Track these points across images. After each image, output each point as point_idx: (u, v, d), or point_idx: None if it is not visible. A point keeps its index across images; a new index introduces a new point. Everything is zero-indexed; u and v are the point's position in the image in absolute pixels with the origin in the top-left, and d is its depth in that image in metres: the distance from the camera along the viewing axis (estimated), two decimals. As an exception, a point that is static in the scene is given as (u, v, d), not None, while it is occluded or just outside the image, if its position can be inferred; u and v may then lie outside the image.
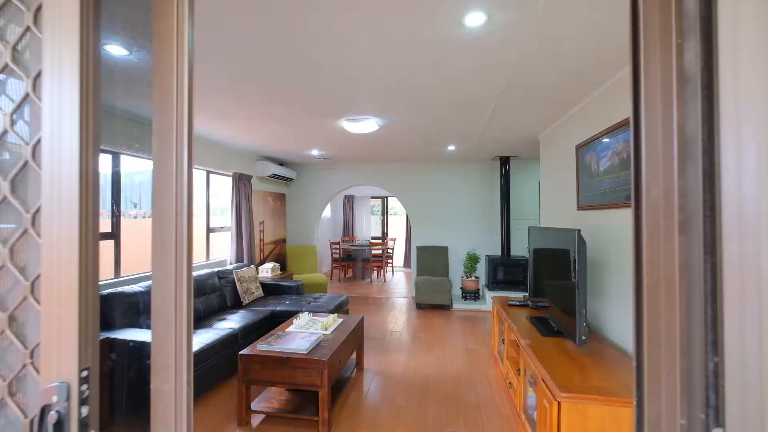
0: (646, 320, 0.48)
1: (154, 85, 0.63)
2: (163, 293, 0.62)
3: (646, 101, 0.48)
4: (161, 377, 0.62)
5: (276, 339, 2.62)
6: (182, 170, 0.63)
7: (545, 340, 2.32)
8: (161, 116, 0.63)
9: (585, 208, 2.87)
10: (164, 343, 0.62)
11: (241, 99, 2.82)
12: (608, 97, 2.48)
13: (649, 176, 0.48)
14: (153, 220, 0.63)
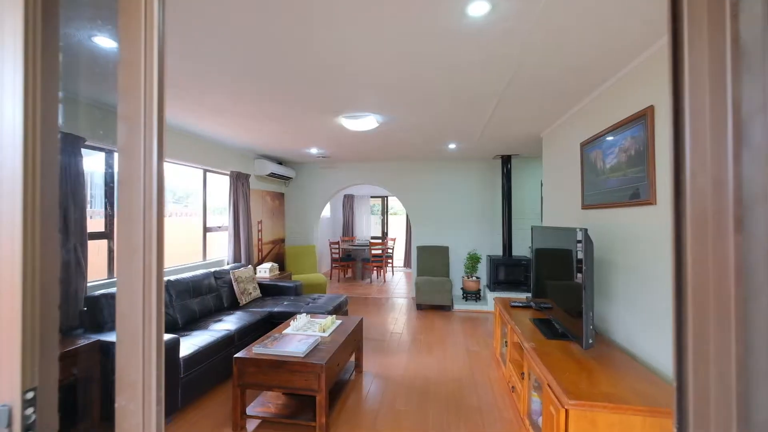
0: (691, 333, 0.41)
1: (120, 63, 0.56)
2: (129, 299, 0.55)
3: (690, 74, 0.41)
4: (127, 395, 0.54)
5: (272, 342, 2.54)
6: (151, 160, 0.56)
7: (550, 343, 2.25)
8: (127, 99, 0.55)
9: (590, 207, 2.79)
10: (130, 356, 0.54)
11: (236, 95, 2.74)
12: (615, 92, 2.41)
13: (694, 163, 0.41)
14: (118, 216, 0.55)
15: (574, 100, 2.85)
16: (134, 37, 0.55)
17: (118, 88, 0.56)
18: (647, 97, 2.04)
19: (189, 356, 2.54)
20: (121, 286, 0.55)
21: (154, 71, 0.56)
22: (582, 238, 2.00)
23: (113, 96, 2.36)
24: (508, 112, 3.22)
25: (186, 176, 4.51)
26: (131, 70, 0.56)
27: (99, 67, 2.21)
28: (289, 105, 3.00)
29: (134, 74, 0.56)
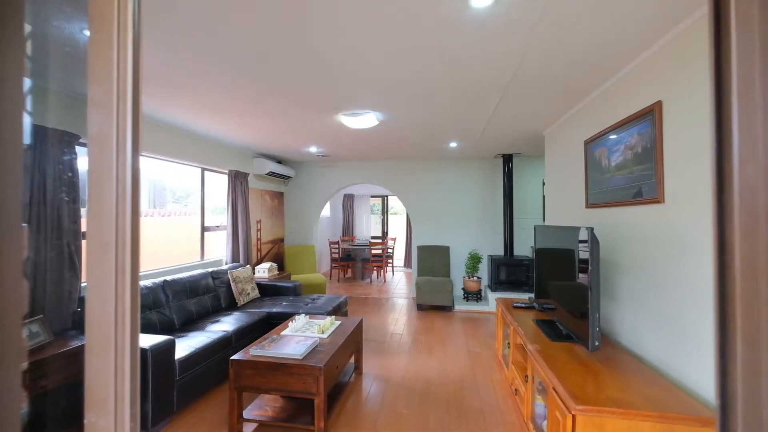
0: (740, 342, 0.35)
1: (90, 41, 0.50)
2: (99, 303, 0.49)
3: (738, 44, 0.35)
4: (97, 410, 0.49)
5: (270, 343, 2.49)
6: (125, 150, 0.50)
7: (554, 345, 2.19)
8: (98, 82, 0.50)
9: (594, 206, 2.73)
10: (101, 368, 0.49)
11: (236, 93, 2.69)
12: (621, 88, 2.35)
13: (742, 151, 0.35)
14: (88, 211, 0.49)
15: (578, 96, 2.80)
16: (105, 12, 0.50)
17: (87, 69, 0.51)
18: (655, 92, 1.98)
19: (185, 358, 2.49)
20: (91, 289, 0.49)
21: (129, 52, 0.51)
22: (588, 237, 1.94)
23: None
24: (511, 110, 3.17)
25: (186, 176, 4.47)
26: (102, 49, 0.50)
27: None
28: (288, 103, 2.94)
29: (106, 54, 0.50)
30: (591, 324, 1.90)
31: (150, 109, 3.13)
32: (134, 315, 0.51)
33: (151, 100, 2.87)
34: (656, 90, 1.97)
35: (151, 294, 3.00)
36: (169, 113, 3.25)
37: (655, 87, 1.99)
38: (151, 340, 2.29)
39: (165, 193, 4.81)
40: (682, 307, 1.74)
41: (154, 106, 3.02)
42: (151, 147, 3.47)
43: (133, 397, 0.50)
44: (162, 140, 3.58)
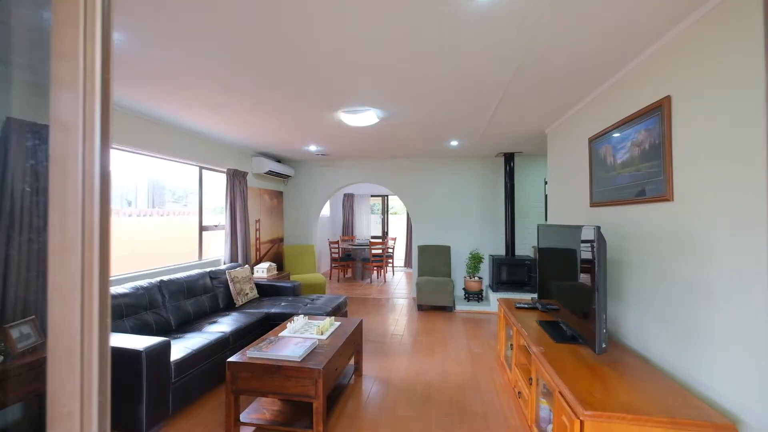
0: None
1: (53, 7, 0.45)
2: (63, 307, 0.43)
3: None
4: (61, 427, 0.43)
5: (268, 345, 2.44)
6: (93, 137, 0.44)
7: (559, 347, 2.13)
8: (64, 55, 0.44)
9: (599, 205, 2.68)
10: (65, 380, 0.43)
11: (232, 87, 2.63)
12: (627, 83, 2.29)
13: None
14: (50, 203, 0.44)
15: (582, 93, 2.74)
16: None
17: (51, 43, 0.45)
18: (663, 87, 1.92)
19: (180, 360, 2.43)
20: (53, 292, 0.44)
21: (97, 24, 0.45)
22: (594, 236, 1.88)
23: None
24: (513, 107, 3.11)
25: (185, 175, 4.41)
26: (67, 19, 0.45)
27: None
28: (286, 98, 2.89)
29: (71, 25, 0.45)
30: (598, 325, 1.84)
31: (145, 107, 3.07)
32: (103, 321, 0.45)
33: (146, 96, 2.81)
34: (665, 85, 1.91)
35: (146, 294, 2.94)
36: (165, 110, 3.19)
37: (663, 81, 1.93)
38: (145, 341, 2.24)
39: (164, 193, 4.76)
40: (692, 307, 1.69)
41: (149, 103, 2.97)
42: (148, 145, 3.42)
43: (102, 412, 0.45)
44: (158, 138, 3.53)
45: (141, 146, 3.35)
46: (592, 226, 1.94)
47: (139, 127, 3.30)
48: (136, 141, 3.28)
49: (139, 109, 3.13)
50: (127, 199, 4.43)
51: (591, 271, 1.97)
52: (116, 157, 3.51)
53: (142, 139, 3.34)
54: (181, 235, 4.40)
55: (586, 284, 2.05)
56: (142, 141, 3.34)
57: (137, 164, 3.90)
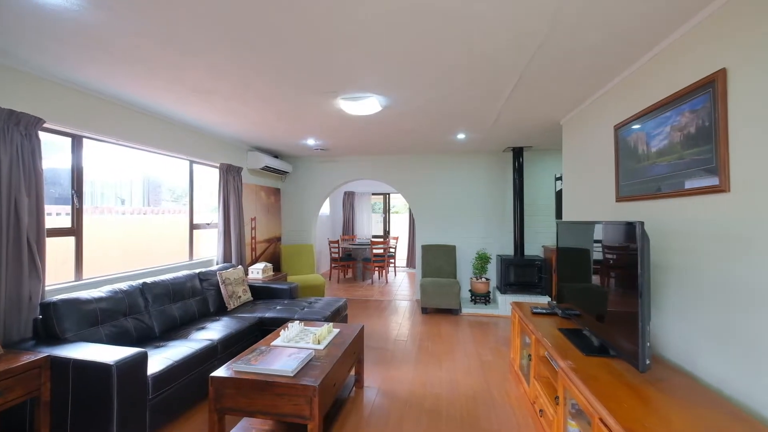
0: None
1: None
2: None
3: None
4: None
5: (258, 356, 2.16)
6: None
7: (590, 361, 1.86)
8: None
9: (627, 199, 2.40)
10: None
11: (217, 68, 2.36)
12: (665, 60, 2.02)
13: None
14: None
15: (610, 73, 2.46)
16: None
17: None
18: (716, 59, 1.65)
19: (160, 373, 2.16)
20: None
21: None
22: (637, 234, 1.61)
23: (79, 70, 1.97)
24: (528, 94, 2.83)
25: (184, 173, 4.15)
26: None
27: (56, 30, 1.83)
28: (280, 83, 2.61)
29: None
30: (641, 338, 1.57)
31: (126, 93, 2.80)
32: None
33: (124, 80, 2.54)
34: (718, 56, 1.64)
35: (126, 298, 2.67)
36: (149, 97, 2.92)
37: (716, 52, 1.65)
38: (117, 353, 1.97)
39: (160, 191, 4.52)
40: (758, 319, 1.41)
41: (130, 89, 2.70)
42: (131, 135, 3.14)
43: None
44: (142, 128, 3.26)
45: (124, 137, 3.07)
46: (633, 222, 1.67)
47: (120, 115, 3.03)
48: (118, 131, 3.00)
49: (120, 95, 2.86)
50: (120, 197, 4.19)
51: (628, 275, 1.70)
52: (108, 153, 3.25)
53: (125, 130, 3.07)
54: (172, 234, 4.13)
55: (623, 289, 1.78)
56: (124, 132, 3.07)
57: (133, 161, 3.67)
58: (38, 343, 2.15)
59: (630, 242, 1.71)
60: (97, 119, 2.82)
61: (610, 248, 1.95)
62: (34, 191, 2.32)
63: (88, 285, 2.77)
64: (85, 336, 2.31)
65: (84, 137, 2.83)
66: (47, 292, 2.46)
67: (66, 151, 2.77)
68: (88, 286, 2.76)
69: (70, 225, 2.78)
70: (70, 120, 2.62)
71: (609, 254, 1.96)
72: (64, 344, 2.13)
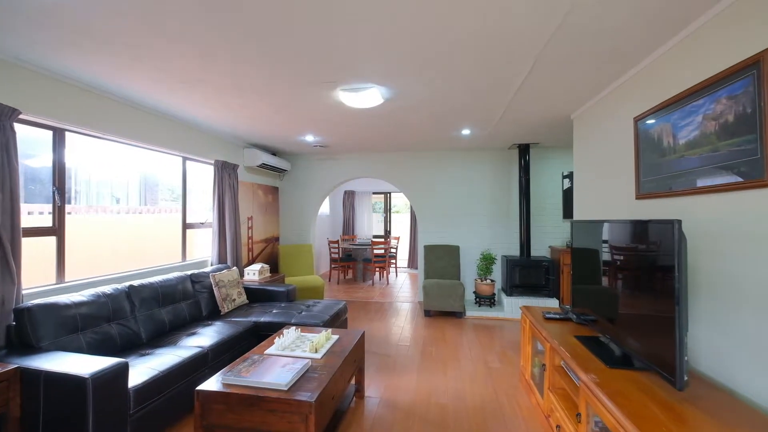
0: None
1: None
2: None
3: None
4: None
5: (249, 367, 1.99)
6: None
7: (615, 375, 1.68)
8: None
9: (650, 196, 2.22)
10: None
11: (207, 56, 2.18)
12: (695, 42, 1.84)
13: None
14: None
15: (632, 60, 2.28)
16: None
17: None
18: (760, 38, 1.47)
19: (143, 385, 1.98)
20: None
21: None
22: (674, 234, 1.43)
23: (57, 56, 1.76)
24: (541, 83, 2.65)
25: (185, 173, 3.99)
26: None
27: (24, 8, 1.66)
28: (273, 71, 2.44)
29: None
30: (678, 351, 1.39)
31: (112, 83, 2.62)
32: None
33: (109, 69, 2.36)
34: (762, 34, 1.46)
35: (110, 303, 2.49)
36: (136, 88, 2.74)
37: (759, 30, 1.47)
38: (94, 364, 1.79)
39: (157, 190, 4.36)
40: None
41: (116, 79, 2.52)
42: (118, 130, 2.97)
43: None
44: (130, 122, 3.08)
45: (110, 131, 2.89)
46: (669, 221, 1.49)
47: (105, 107, 2.85)
48: (103, 125, 2.82)
49: (104, 86, 2.68)
50: (116, 196, 4.03)
51: (659, 278, 1.52)
52: (99, 149, 3.08)
53: (111, 123, 2.89)
54: (165, 234, 3.95)
55: (653, 294, 1.60)
56: (110, 125, 2.89)
57: (127, 159, 3.53)
58: (10, 352, 1.97)
59: (661, 242, 1.53)
60: (80, 111, 2.65)
61: (635, 249, 1.77)
62: (8, 187, 2.14)
63: (70, 288, 2.59)
64: (64, 344, 2.14)
65: (66, 130, 2.66)
66: (24, 296, 2.28)
67: (45, 146, 2.59)
68: (70, 289, 2.58)
69: (51, 224, 2.60)
70: (50, 111, 2.45)
71: (634, 255, 1.78)
72: (39, 354, 1.95)
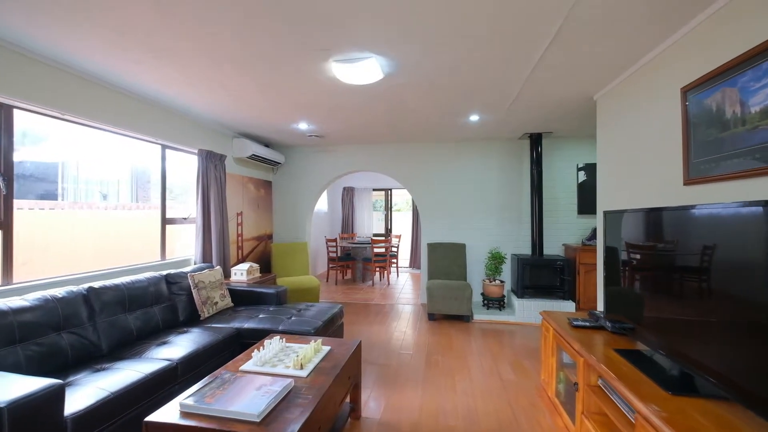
0: None
1: None
2: None
3: None
4: None
5: (216, 389, 1.61)
6: None
7: (681, 405, 1.30)
8: None
9: (703, 181, 1.84)
10: None
11: (173, 20, 1.80)
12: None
13: None
14: None
15: (680, 20, 1.90)
16: None
17: None
18: None
19: (87, 411, 1.61)
20: None
21: None
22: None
23: None
24: (566, 54, 2.27)
25: (180, 166, 3.63)
26: None
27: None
28: (251, 38, 2.05)
29: None
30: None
31: (65, 52, 2.25)
32: None
33: (60, 33, 1.98)
34: None
35: (61, 308, 2.12)
36: (93, 58, 2.36)
37: None
38: (16, 388, 1.41)
39: (149, 187, 4.01)
40: None
41: (68, 46, 2.14)
42: (80, 109, 2.59)
43: None
44: (95, 101, 2.70)
45: (70, 110, 2.52)
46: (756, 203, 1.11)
47: (62, 82, 2.47)
48: (61, 103, 2.45)
49: (56, 55, 2.31)
50: (102, 192, 3.68)
51: (746, 279, 1.14)
52: (93, 140, 2.74)
53: (71, 101, 2.52)
54: (144, 230, 3.58)
55: (734, 301, 1.22)
56: (70, 103, 2.52)
57: (121, 153, 3.22)
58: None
59: (753, 233, 1.15)
60: (30, 85, 2.27)
61: (716, 247, 1.39)
62: None
63: (19, 291, 2.22)
64: (-5, 359, 1.76)
65: (14, 107, 2.28)
66: None
67: None
68: (19, 291, 2.21)
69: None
70: None
71: (707, 250, 1.40)
72: (-43, 373, 1.58)
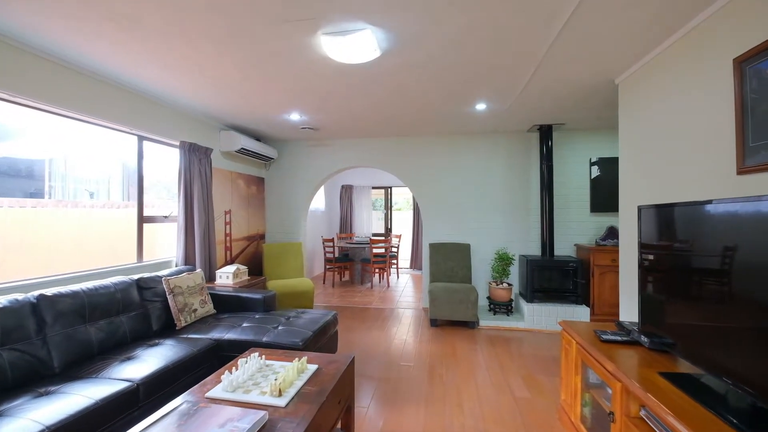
0: None
1: None
2: None
3: None
4: None
5: (171, 426, 1.29)
6: None
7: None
8: None
9: (764, 169, 1.52)
10: None
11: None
12: None
13: None
14: None
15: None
16: None
17: None
18: None
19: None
20: None
21: None
22: None
23: None
24: (588, 30, 1.95)
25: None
26: None
27: None
28: (223, 3, 1.74)
29: None
30: None
31: (13, 22, 1.93)
32: None
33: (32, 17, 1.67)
34: None
35: (2, 320, 1.80)
36: (58, 32, 2.05)
37: None
38: None
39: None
40: None
41: (35, 27, 1.83)
42: (37, 91, 2.27)
43: None
44: (56, 82, 2.38)
45: (24, 92, 2.21)
46: None
47: (16, 60, 2.16)
48: (9, 81, 2.14)
49: (15, 32, 2.00)
50: (89, 189, 3.39)
51: None
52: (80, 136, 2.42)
53: (23, 81, 2.20)
54: (119, 230, 3.26)
55: None
56: (23, 84, 2.20)
57: (111, 150, 2.94)
58: None
59: None
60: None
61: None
62: None
63: None
64: None
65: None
66: None
67: None
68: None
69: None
70: None
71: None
72: None
